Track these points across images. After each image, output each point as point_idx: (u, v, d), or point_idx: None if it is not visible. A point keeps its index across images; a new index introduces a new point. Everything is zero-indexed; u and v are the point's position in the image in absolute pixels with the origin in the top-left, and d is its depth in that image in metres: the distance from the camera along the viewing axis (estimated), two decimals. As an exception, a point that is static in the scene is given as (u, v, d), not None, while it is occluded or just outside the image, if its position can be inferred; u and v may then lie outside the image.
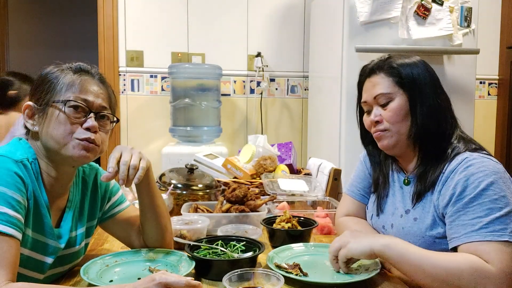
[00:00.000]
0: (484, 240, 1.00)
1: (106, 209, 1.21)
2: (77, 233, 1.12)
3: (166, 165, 2.57)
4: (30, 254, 0.99)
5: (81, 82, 1.04)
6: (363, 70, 1.29)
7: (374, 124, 1.22)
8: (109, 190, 1.22)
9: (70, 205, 1.10)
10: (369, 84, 1.24)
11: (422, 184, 1.17)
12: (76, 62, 1.09)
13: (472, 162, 1.08)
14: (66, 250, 1.08)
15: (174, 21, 3.07)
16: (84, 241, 1.15)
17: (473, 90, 2.53)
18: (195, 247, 1.16)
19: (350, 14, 2.34)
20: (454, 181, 1.08)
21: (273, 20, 3.18)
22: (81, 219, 1.14)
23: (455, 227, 1.06)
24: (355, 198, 1.39)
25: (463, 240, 1.03)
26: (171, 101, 2.90)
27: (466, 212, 1.04)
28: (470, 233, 1.02)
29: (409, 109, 1.18)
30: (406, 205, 1.22)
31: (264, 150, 2.09)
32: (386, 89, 1.19)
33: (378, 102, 1.20)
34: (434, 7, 2.35)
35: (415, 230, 1.16)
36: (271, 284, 0.95)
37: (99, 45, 3.00)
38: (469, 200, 1.05)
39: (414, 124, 1.17)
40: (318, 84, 2.91)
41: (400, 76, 1.19)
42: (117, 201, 1.24)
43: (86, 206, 1.15)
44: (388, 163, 1.31)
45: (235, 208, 1.44)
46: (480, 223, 1.01)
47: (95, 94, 1.05)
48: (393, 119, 1.18)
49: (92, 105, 1.04)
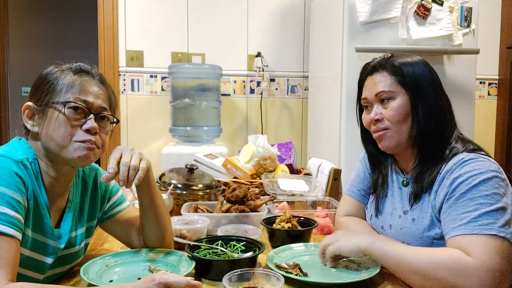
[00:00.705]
0: (471, 234, 1.00)
1: (106, 209, 1.21)
2: (77, 233, 1.12)
3: (166, 165, 2.57)
4: (30, 255, 0.99)
5: (81, 83, 1.04)
6: (364, 68, 1.28)
7: (374, 122, 1.21)
8: (109, 190, 1.22)
9: (70, 205, 1.10)
10: (370, 82, 1.23)
11: (419, 185, 1.17)
12: (77, 63, 1.08)
13: (468, 161, 1.08)
14: (66, 250, 1.08)
15: (174, 21, 3.07)
16: (84, 241, 1.15)
17: (473, 90, 2.53)
18: (195, 247, 1.16)
19: (350, 14, 2.34)
20: (449, 180, 1.09)
21: (273, 20, 3.18)
22: (81, 219, 1.14)
23: (447, 222, 1.06)
24: (355, 198, 1.39)
25: (452, 234, 1.04)
26: (171, 101, 2.90)
27: (456, 207, 1.05)
28: (458, 227, 1.02)
29: (411, 109, 1.17)
30: (405, 206, 1.22)
31: (264, 150, 2.09)
32: (388, 87, 1.18)
33: (379, 100, 1.20)
34: (434, 7, 2.35)
35: (413, 231, 1.16)
36: (271, 284, 0.95)
37: (99, 45, 3.00)
38: (460, 195, 1.05)
39: (415, 124, 1.16)
40: (318, 84, 2.91)
41: (402, 75, 1.18)
42: (117, 201, 1.24)
43: (86, 206, 1.15)
44: (387, 163, 1.31)
45: (235, 208, 1.44)
46: (468, 217, 1.02)
47: (95, 95, 1.05)
48: (394, 118, 1.17)
49: (92, 106, 1.04)
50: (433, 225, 1.13)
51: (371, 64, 1.26)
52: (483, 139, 3.26)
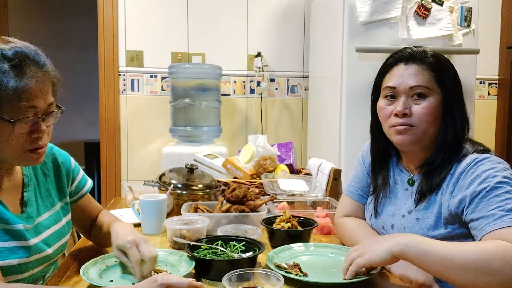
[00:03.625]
0: (510, 225, 0.95)
1: (73, 189, 1.24)
2: (53, 211, 1.14)
3: (166, 165, 2.56)
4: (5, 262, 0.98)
5: (25, 86, 0.93)
6: (398, 54, 1.18)
7: (401, 115, 1.13)
8: (71, 169, 1.24)
9: (27, 188, 1.10)
10: (404, 71, 1.14)
11: (428, 184, 1.15)
12: (12, 48, 0.94)
13: (483, 161, 1.08)
14: (51, 229, 1.11)
15: (174, 21, 3.07)
16: (64, 218, 1.18)
17: (473, 90, 2.53)
18: (195, 247, 1.16)
19: (350, 14, 2.34)
20: (467, 181, 1.07)
21: (273, 20, 3.18)
22: (51, 197, 1.16)
23: (478, 221, 1.02)
24: (354, 199, 1.39)
25: (487, 230, 0.98)
26: (171, 101, 2.90)
27: (485, 205, 1.02)
28: (493, 222, 0.98)
29: (442, 111, 1.13)
30: (410, 206, 1.21)
31: (264, 150, 2.09)
32: (426, 83, 1.12)
33: (412, 94, 1.13)
34: (434, 7, 2.35)
35: (417, 230, 1.16)
36: (271, 284, 0.95)
37: (99, 45, 3.00)
38: (486, 194, 1.02)
39: (443, 128, 1.13)
40: (318, 84, 2.91)
41: (442, 73, 1.13)
42: (81, 181, 1.27)
43: (52, 184, 1.17)
44: (390, 163, 1.30)
45: (235, 208, 1.44)
46: (501, 212, 0.98)
47: (40, 92, 0.96)
48: (424, 117, 1.12)
49: (40, 110, 0.97)
50: (438, 225, 1.12)
51: (407, 51, 1.17)
52: (483, 139, 3.23)
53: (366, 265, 1.00)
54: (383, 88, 1.19)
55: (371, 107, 1.25)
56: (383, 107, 1.18)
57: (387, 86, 1.17)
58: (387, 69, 1.19)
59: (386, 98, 1.18)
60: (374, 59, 2.22)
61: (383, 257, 0.97)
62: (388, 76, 1.18)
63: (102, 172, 3.05)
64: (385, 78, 1.19)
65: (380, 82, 1.21)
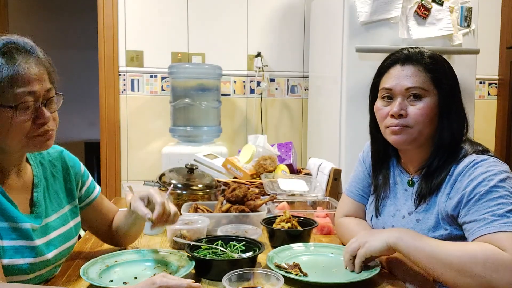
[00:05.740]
0: (500, 231, 0.98)
1: (83, 193, 1.23)
2: (61, 213, 1.14)
3: (166, 165, 2.56)
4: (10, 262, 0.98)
5: (21, 71, 0.94)
6: (394, 55, 1.19)
7: (397, 116, 1.14)
8: (80, 173, 1.23)
9: (37, 189, 1.10)
10: (400, 72, 1.15)
11: (427, 185, 1.15)
12: (2, 40, 0.97)
13: (480, 163, 1.08)
14: (58, 230, 1.10)
15: (174, 21, 3.07)
16: (72, 221, 1.17)
17: (473, 90, 2.53)
18: (195, 247, 1.16)
19: (350, 14, 2.34)
20: (464, 183, 1.07)
21: (273, 20, 3.18)
22: (59, 199, 1.15)
23: (470, 224, 1.04)
24: (354, 199, 1.38)
25: (477, 234, 1.01)
26: (171, 101, 2.90)
27: (478, 209, 1.03)
28: (484, 226, 1.00)
29: (438, 112, 1.13)
30: (410, 207, 1.21)
31: (264, 150, 2.09)
32: (422, 84, 1.12)
33: (408, 95, 1.13)
34: (434, 7, 2.35)
35: (417, 232, 1.15)
36: (271, 284, 0.95)
37: (99, 45, 3.00)
38: (480, 197, 1.03)
39: (439, 129, 1.13)
40: (318, 84, 2.91)
41: (438, 74, 1.13)
42: (91, 186, 1.26)
43: (61, 186, 1.17)
44: (391, 163, 1.30)
45: (235, 208, 1.44)
46: (492, 216, 1.00)
47: (37, 78, 0.97)
48: (420, 118, 1.12)
49: (39, 95, 0.98)
50: (438, 226, 1.12)
51: (403, 52, 1.18)
52: (483, 139, 3.24)
53: (367, 254, 1.05)
54: (380, 89, 1.20)
55: (369, 108, 1.26)
56: (380, 108, 1.19)
57: (384, 87, 1.18)
58: (384, 70, 1.20)
59: (383, 99, 1.19)
60: (374, 59, 2.21)
61: (380, 246, 1.04)
62: (384, 77, 1.19)
63: (102, 172, 3.05)
64: (382, 79, 1.20)
65: (377, 83, 1.22)
